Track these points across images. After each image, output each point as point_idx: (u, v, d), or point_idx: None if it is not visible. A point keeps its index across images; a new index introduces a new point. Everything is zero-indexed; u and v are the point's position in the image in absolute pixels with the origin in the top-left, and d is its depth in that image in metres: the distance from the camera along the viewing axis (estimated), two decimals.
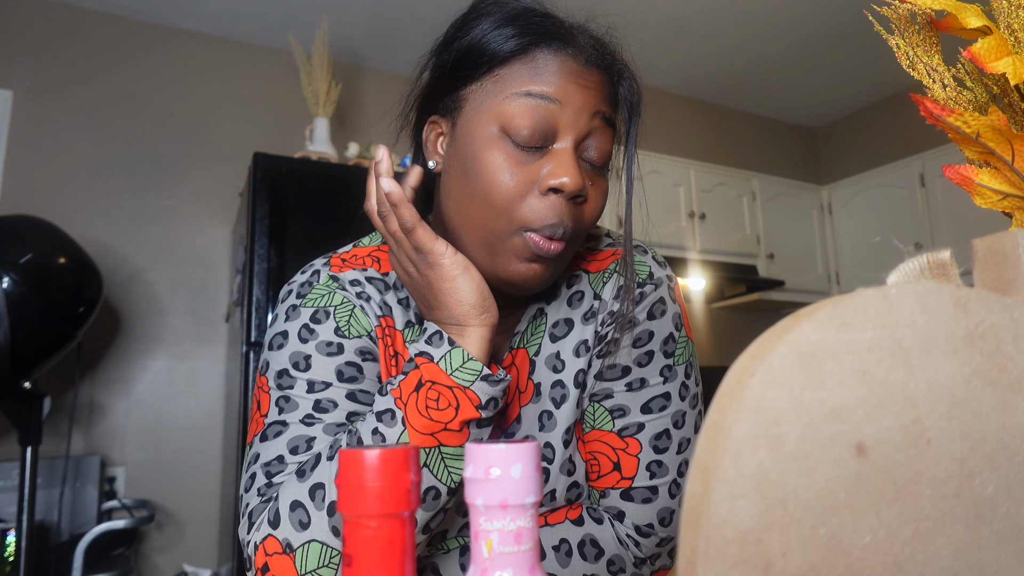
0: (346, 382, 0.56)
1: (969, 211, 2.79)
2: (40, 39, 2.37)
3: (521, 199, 0.53)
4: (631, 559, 0.62)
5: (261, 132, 2.63)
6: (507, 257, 0.54)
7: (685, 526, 0.22)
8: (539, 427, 0.62)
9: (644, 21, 2.75)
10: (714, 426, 0.22)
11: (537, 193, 0.53)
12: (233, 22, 2.60)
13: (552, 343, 0.63)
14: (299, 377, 0.56)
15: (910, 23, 0.43)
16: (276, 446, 0.54)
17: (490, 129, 0.54)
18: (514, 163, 0.53)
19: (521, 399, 0.63)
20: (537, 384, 0.63)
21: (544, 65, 0.54)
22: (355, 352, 0.58)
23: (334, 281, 0.61)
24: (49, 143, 2.33)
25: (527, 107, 0.53)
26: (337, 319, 0.58)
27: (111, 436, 2.27)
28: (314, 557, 0.48)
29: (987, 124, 0.37)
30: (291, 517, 0.49)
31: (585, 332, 0.64)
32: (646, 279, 0.64)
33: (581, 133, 0.55)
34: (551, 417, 0.62)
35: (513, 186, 0.53)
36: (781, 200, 3.29)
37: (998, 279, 0.29)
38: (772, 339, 0.23)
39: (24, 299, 1.58)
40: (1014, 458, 0.24)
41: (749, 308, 3.36)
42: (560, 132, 0.54)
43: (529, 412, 0.63)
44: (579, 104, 0.54)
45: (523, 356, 0.63)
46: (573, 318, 0.64)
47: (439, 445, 0.50)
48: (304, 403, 0.55)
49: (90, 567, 1.80)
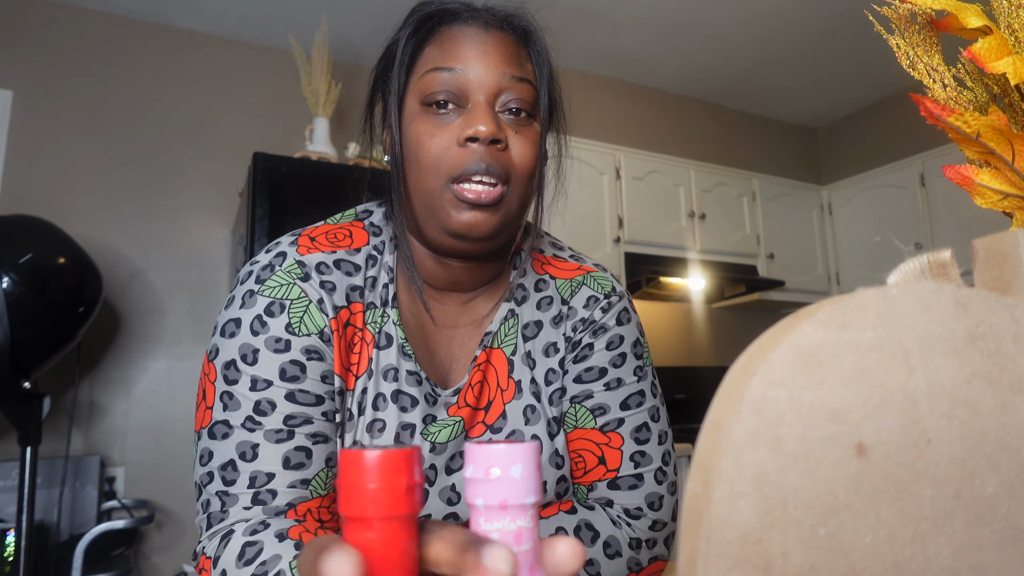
0: (287, 381, 0.58)
1: (969, 211, 2.79)
2: (40, 39, 2.37)
3: (444, 154, 0.58)
4: (625, 539, 0.65)
5: (261, 132, 2.63)
6: (446, 212, 0.59)
7: (685, 526, 0.22)
8: (524, 422, 0.66)
9: (644, 21, 2.75)
10: (714, 426, 0.22)
11: (457, 147, 0.58)
12: (233, 22, 2.60)
13: (525, 343, 0.68)
14: (245, 372, 0.58)
15: (910, 23, 0.43)
16: (226, 449, 0.57)
17: (413, 109, 0.61)
18: (435, 127, 0.59)
19: (504, 396, 0.66)
20: (518, 381, 0.67)
21: (447, 41, 0.61)
22: (301, 351, 0.59)
23: (299, 267, 0.62)
24: (49, 143, 2.33)
25: (436, 78, 0.59)
26: (290, 315, 0.60)
27: (111, 436, 2.27)
28: None
29: (987, 124, 0.37)
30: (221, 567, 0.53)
31: (553, 335, 0.69)
32: (610, 291, 0.72)
33: (491, 91, 0.60)
34: (535, 411, 0.66)
35: (435, 145, 0.58)
36: (781, 200, 3.29)
37: (999, 279, 0.29)
38: (772, 339, 0.23)
39: (24, 299, 1.58)
40: (1015, 458, 0.24)
41: (749, 308, 3.37)
42: (471, 93, 0.60)
43: (514, 408, 0.66)
44: (484, 65, 0.60)
45: (499, 356, 0.67)
46: (543, 320, 0.70)
47: None
48: (246, 403, 0.58)
49: (90, 567, 1.80)
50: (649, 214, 2.87)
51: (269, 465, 0.56)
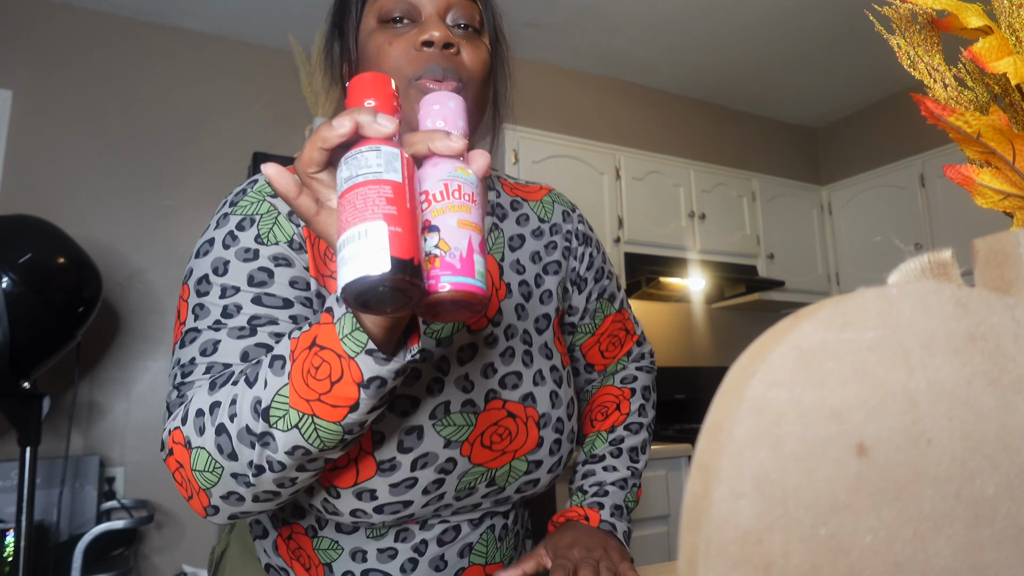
0: (255, 286, 0.60)
1: (969, 211, 2.79)
2: (40, 39, 2.37)
3: (403, 58, 0.64)
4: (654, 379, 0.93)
5: (261, 132, 2.63)
6: (412, 108, 0.63)
7: (685, 526, 0.22)
8: (516, 317, 0.74)
9: (644, 21, 2.75)
10: (715, 426, 0.22)
11: (414, 51, 0.64)
12: (233, 22, 2.60)
13: (512, 252, 0.76)
14: (215, 283, 0.60)
15: (911, 23, 0.43)
16: (190, 351, 0.59)
17: (370, 26, 0.67)
18: (393, 38, 0.65)
19: (499, 295, 0.73)
20: (508, 283, 0.74)
21: None
22: (269, 258, 0.62)
23: (268, 186, 0.65)
24: (49, 143, 2.33)
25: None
26: (260, 228, 0.63)
27: (110, 436, 2.27)
28: (203, 460, 0.52)
29: (988, 124, 0.37)
30: (195, 421, 0.53)
31: (535, 245, 0.79)
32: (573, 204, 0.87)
33: (441, 6, 0.66)
34: (524, 309, 0.75)
35: (395, 53, 0.64)
36: (781, 200, 3.29)
37: (999, 279, 0.29)
38: (772, 339, 0.23)
39: (23, 299, 1.58)
40: (1015, 458, 0.24)
41: (749, 308, 3.37)
42: (423, 8, 0.66)
43: (507, 306, 0.73)
44: None
45: (490, 261, 0.74)
46: (524, 234, 0.78)
47: (313, 415, 0.48)
48: (215, 309, 0.59)
49: (89, 567, 1.80)
50: (649, 214, 2.87)
51: (227, 357, 0.57)
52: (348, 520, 0.63)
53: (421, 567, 0.67)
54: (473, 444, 0.66)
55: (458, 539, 0.69)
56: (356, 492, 0.60)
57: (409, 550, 0.67)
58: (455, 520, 0.69)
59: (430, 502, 0.65)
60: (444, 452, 0.63)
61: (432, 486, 0.64)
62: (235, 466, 0.51)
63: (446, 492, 0.65)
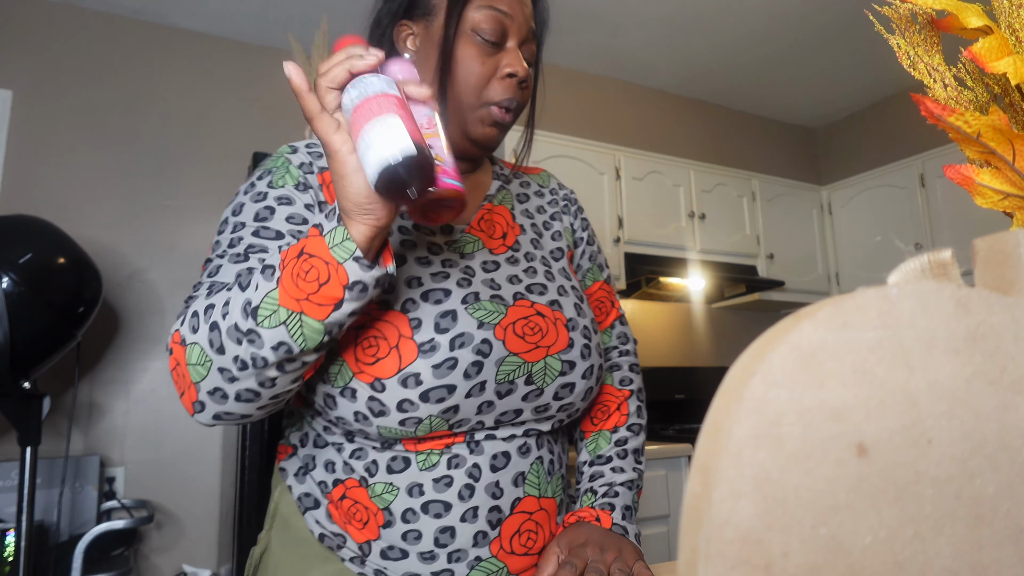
0: (257, 221, 0.69)
1: (969, 211, 2.79)
2: (40, 39, 2.37)
3: (487, 81, 0.74)
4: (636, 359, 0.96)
5: (261, 132, 2.63)
6: (475, 123, 0.74)
7: (685, 526, 0.22)
8: (533, 247, 0.82)
9: (644, 21, 2.75)
10: (714, 426, 0.22)
11: (498, 77, 0.74)
12: (233, 22, 2.60)
13: (520, 203, 0.87)
14: (231, 221, 0.70)
15: (911, 23, 0.43)
16: (202, 275, 0.68)
17: (464, 29, 0.74)
18: (481, 54, 0.74)
19: (515, 230, 0.83)
20: (520, 224, 0.84)
21: None
22: (274, 199, 0.70)
23: (289, 148, 0.76)
24: (49, 143, 2.33)
25: (490, 15, 0.74)
26: (273, 176, 0.72)
27: (110, 436, 2.27)
28: (195, 355, 0.59)
29: (988, 124, 0.37)
30: (190, 321, 0.60)
31: (539, 201, 0.89)
32: (559, 182, 0.96)
33: (521, 38, 0.76)
34: (538, 243, 0.84)
35: (482, 72, 0.73)
36: (781, 200, 3.29)
37: (999, 279, 0.29)
38: (772, 339, 0.23)
39: (23, 299, 1.58)
40: (1015, 458, 0.24)
41: (749, 308, 3.36)
42: (509, 36, 0.75)
43: (523, 239, 0.82)
44: (521, 18, 0.76)
45: (501, 208, 0.84)
46: (528, 193, 0.89)
47: (301, 313, 0.56)
48: (225, 242, 0.68)
49: (89, 567, 1.80)
50: (649, 214, 2.87)
51: (225, 278, 0.65)
52: (396, 425, 0.65)
53: (478, 494, 0.69)
54: (506, 330, 0.70)
55: (509, 466, 0.71)
56: (401, 379, 0.64)
57: (463, 475, 0.69)
58: (501, 436, 0.71)
59: (472, 391, 0.67)
60: (479, 333, 0.68)
61: (472, 369, 0.67)
62: (222, 360, 0.58)
63: (487, 381, 0.67)
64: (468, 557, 0.68)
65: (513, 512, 0.70)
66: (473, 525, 0.68)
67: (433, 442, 0.69)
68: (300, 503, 0.74)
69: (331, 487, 0.72)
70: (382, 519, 0.69)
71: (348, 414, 0.67)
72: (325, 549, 0.72)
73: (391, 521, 0.68)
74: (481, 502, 0.69)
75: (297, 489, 0.74)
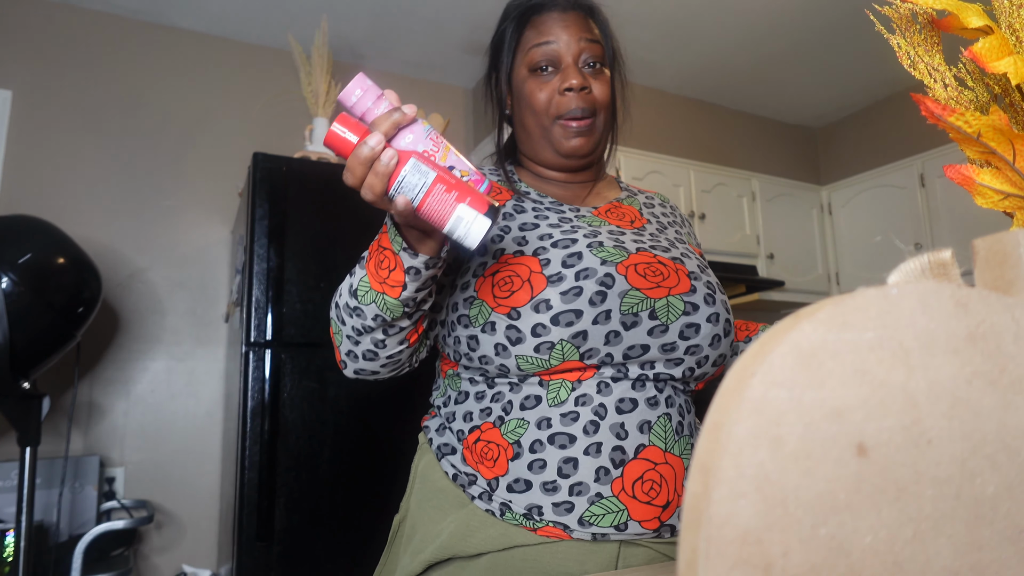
0: None
1: (969, 211, 2.79)
2: (40, 39, 2.37)
3: (550, 102, 0.85)
4: None
5: (261, 132, 2.63)
6: (556, 139, 0.86)
7: (685, 526, 0.22)
8: (660, 229, 0.88)
9: (644, 21, 2.74)
10: (715, 426, 0.22)
11: (559, 96, 0.85)
12: (233, 22, 2.60)
13: (647, 208, 0.94)
14: None
15: (911, 23, 0.43)
16: None
17: (524, 74, 0.87)
18: (542, 84, 0.85)
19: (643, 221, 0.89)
20: (647, 218, 0.91)
21: (540, 24, 0.87)
22: None
23: None
24: (49, 143, 2.33)
25: (537, 52, 0.86)
26: None
27: (110, 436, 2.27)
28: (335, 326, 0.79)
29: (988, 124, 0.37)
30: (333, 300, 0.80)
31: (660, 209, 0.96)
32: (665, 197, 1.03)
33: (575, 54, 0.85)
34: (663, 230, 0.89)
35: (545, 97, 0.85)
36: (781, 200, 3.29)
37: (999, 279, 0.29)
38: (772, 339, 0.23)
39: (23, 299, 1.57)
40: (1015, 458, 0.24)
41: (749, 308, 3.36)
42: (562, 58, 0.85)
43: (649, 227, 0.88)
44: (567, 38, 0.85)
45: (629, 207, 0.91)
46: (653, 203, 0.97)
47: (383, 294, 0.72)
48: None
49: (89, 567, 1.80)
50: None
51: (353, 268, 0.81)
52: (532, 352, 0.72)
53: (602, 431, 0.73)
54: (628, 268, 0.75)
55: (635, 412, 0.74)
56: (534, 305, 0.73)
57: (589, 412, 0.73)
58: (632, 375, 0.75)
59: (599, 319, 0.72)
60: (602, 268, 0.75)
61: (596, 297, 0.73)
62: (346, 329, 0.76)
63: (611, 310, 0.73)
64: (589, 492, 0.71)
65: (637, 456, 0.73)
66: (596, 460, 0.72)
67: (565, 374, 0.74)
68: (439, 452, 0.82)
69: (467, 434, 0.79)
70: (511, 452, 0.74)
71: (489, 349, 0.75)
72: (458, 494, 0.77)
73: (519, 453, 0.74)
74: (605, 439, 0.72)
75: (437, 440, 0.83)
